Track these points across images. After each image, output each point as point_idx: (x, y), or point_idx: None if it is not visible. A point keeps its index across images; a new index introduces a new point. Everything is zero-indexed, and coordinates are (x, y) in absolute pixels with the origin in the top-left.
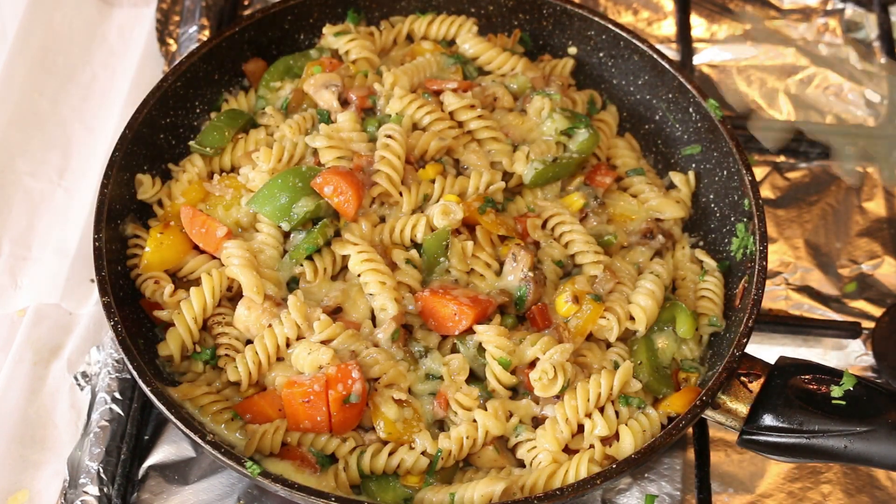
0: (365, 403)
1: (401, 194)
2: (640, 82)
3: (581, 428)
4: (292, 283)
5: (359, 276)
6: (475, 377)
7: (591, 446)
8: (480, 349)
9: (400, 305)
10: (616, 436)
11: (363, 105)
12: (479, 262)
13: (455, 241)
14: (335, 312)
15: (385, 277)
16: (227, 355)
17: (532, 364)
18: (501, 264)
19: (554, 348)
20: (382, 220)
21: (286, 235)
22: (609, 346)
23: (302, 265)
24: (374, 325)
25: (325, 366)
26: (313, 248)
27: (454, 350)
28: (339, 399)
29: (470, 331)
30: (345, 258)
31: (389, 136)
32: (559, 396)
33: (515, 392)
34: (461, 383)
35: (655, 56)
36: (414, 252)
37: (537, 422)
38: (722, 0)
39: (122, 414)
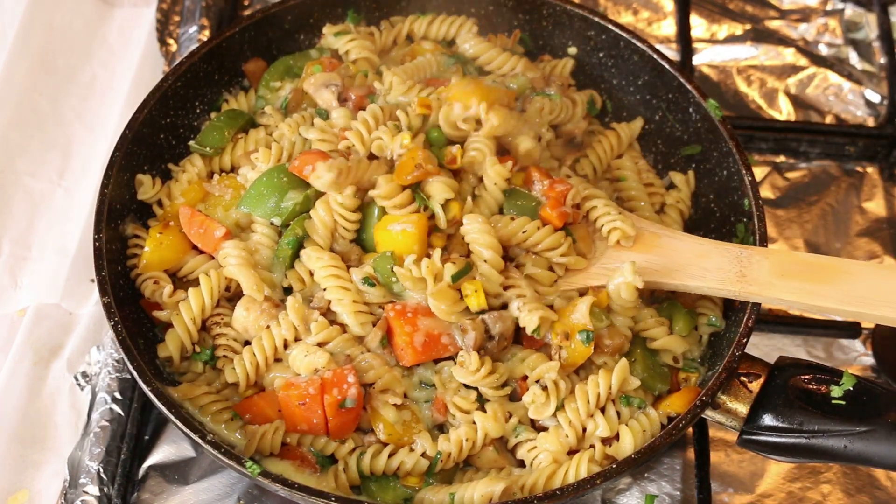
0: (362, 408)
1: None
2: (640, 82)
3: (583, 429)
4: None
5: (324, 289)
6: None
7: (592, 446)
8: None
9: (360, 317)
10: (616, 436)
11: (361, 104)
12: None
13: (399, 270)
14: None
15: (343, 294)
16: (225, 356)
17: (524, 377)
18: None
19: (540, 368)
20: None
21: (281, 234)
22: None
23: (286, 276)
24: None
25: (320, 369)
26: (294, 243)
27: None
28: (334, 403)
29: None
30: None
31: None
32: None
33: (511, 395)
34: (455, 390)
35: (655, 56)
36: (370, 269)
37: (537, 424)
38: (722, 0)
39: (122, 414)
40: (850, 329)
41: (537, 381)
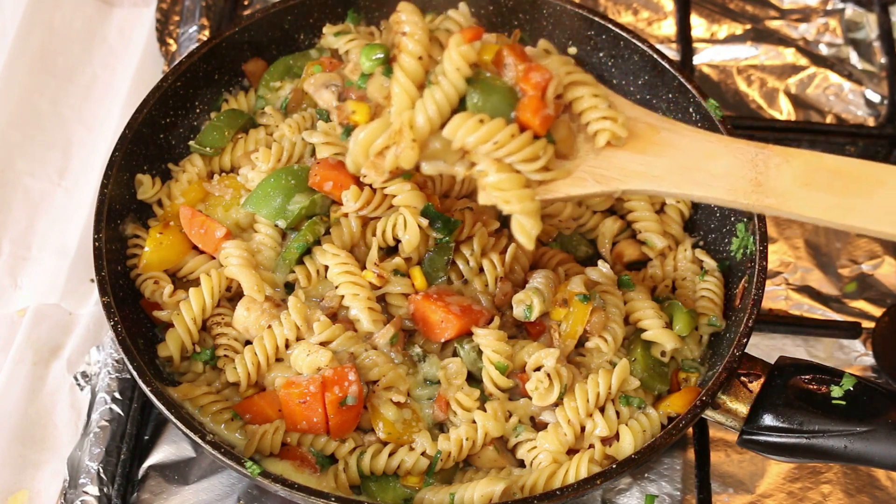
0: (362, 406)
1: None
2: (640, 82)
3: (582, 428)
4: (290, 284)
5: (336, 286)
6: (473, 379)
7: (591, 446)
8: (480, 352)
9: (373, 314)
10: (616, 436)
11: None
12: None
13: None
14: (336, 313)
15: (358, 289)
16: (225, 356)
17: (524, 370)
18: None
19: (538, 353)
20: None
21: (284, 235)
22: None
23: (294, 271)
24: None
25: (323, 367)
26: (303, 247)
27: (455, 354)
28: (335, 401)
29: (469, 334)
30: None
31: None
32: (557, 403)
33: (511, 395)
34: (459, 387)
35: (655, 56)
36: (400, 260)
37: (536, 421)
38: (722, 0)
39: (122, 414)
40: (850, 329)
41: (538, 369)
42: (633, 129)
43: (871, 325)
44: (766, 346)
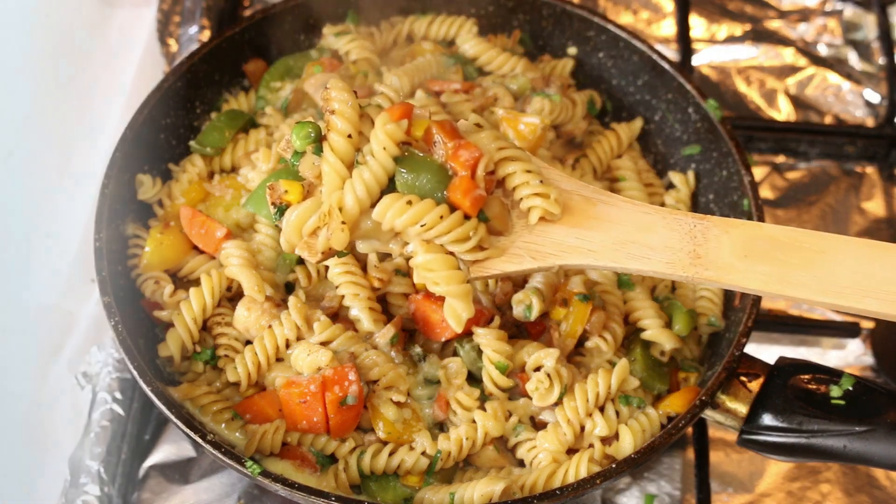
0: (362, 405)
1: None
2: (639, 82)
3: (582, 428)
4: (290, 284)
5: (337, 287)
6: (473, 378)
7: (591, 446)
8: (480, 352)
9: (376, 316)
10: (616, 435)
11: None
12: None
13: None
14: (337, 313)
15: (359, 290)
16: (226, 356)
17: (524, 370)
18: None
19: (538, 353)
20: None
21: None
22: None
23: (294, 271)
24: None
25: (323, 367)
26: None
27: (455, 354)
28: (335, 401)
29: (469, 334)
30: None
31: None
32: (557, 403)
33: (511, 394)
34: (459, 386)
35: (655, 56)
36: (401, 260)
37: (536, 421)
38: (721, 0)
39: (122, 413)
40: (850, 329)
41: (538, 370)
42: (567, 203)
43: (871, 325)
44: (766, 346)
